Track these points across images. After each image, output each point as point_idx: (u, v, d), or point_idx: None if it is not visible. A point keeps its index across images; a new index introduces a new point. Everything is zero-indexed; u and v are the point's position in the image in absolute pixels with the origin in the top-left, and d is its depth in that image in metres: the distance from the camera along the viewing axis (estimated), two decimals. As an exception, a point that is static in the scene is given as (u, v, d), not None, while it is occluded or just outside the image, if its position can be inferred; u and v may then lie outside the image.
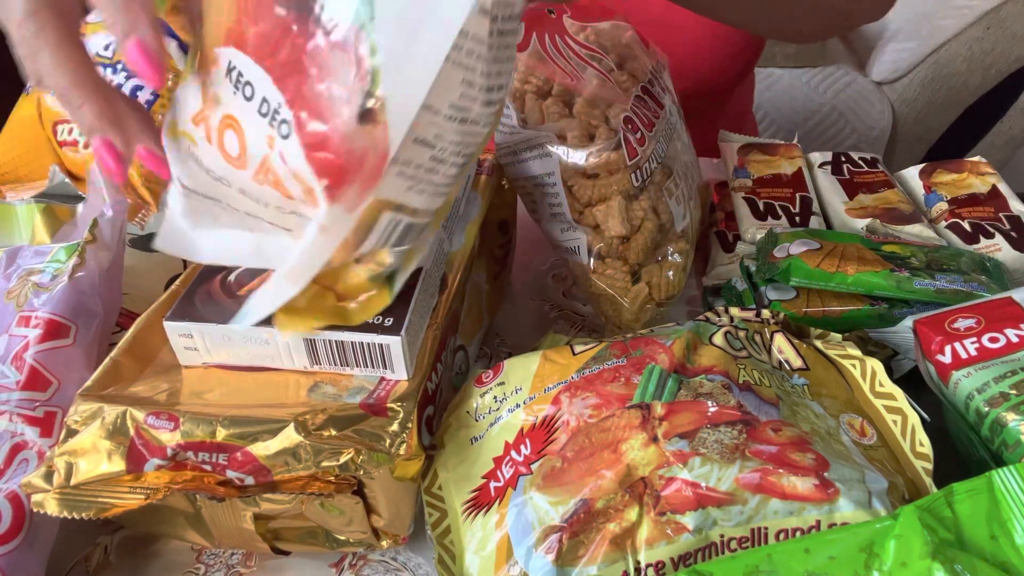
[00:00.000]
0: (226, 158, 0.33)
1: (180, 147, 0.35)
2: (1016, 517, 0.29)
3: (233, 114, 0.31)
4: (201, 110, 0.33)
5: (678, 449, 0.35)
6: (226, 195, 0.35)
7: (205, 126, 0.33)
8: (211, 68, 0.32)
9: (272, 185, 0.32)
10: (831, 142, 1.47)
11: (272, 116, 0.30)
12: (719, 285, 0.59)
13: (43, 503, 0.38)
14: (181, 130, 0.34)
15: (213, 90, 0.32)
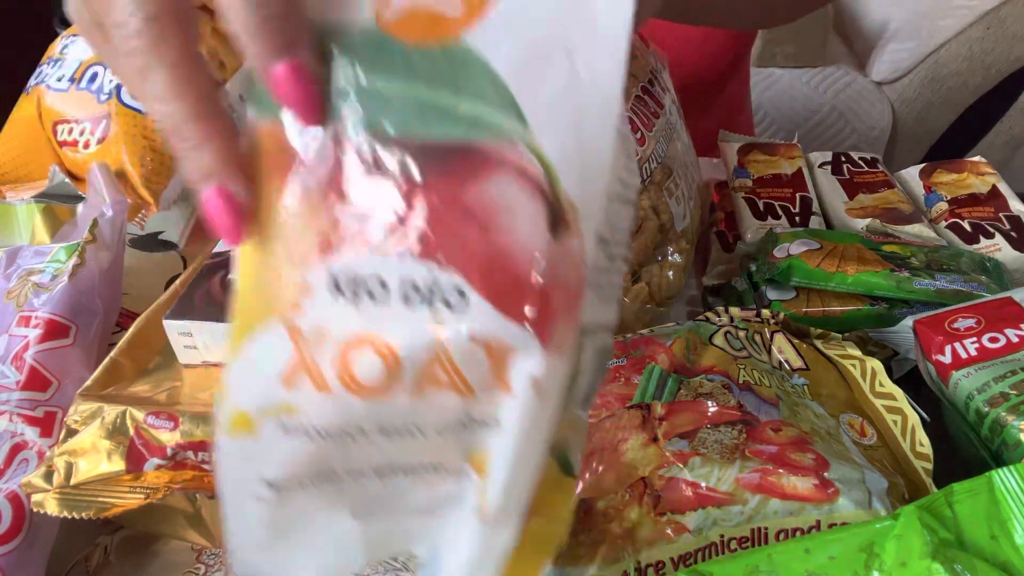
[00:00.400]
0: (361, 393, 0.25)
1: (260, 437, 0.26)
2: (1016, 517, 0.29)
3: (360, 331, 0.25)
4: (297, 361, 0.25)
5: (678, 449, 0.35)
6: (353, 457, 0.26)
7: (309, 375, 0.25)
8: (298, 304, 0.25)
9: (445, 386, 0.25)
10: (831, 142, 1.47)
11: (428, 298, 0.24)
12: (719, 285, 0.59)
13: (43, 503, 0.38)
14: (257, 415, 0.26)
15: (310, 326, 0.25)
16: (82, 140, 0.58)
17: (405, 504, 0.28)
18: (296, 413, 0.25)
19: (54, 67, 0.61)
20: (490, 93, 0.24)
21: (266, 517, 0.27)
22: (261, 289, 0.25)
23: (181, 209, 0.65)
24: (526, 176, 0.24)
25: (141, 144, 0.58)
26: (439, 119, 0.24)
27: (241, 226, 0.26)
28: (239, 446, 0.26)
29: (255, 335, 0.25)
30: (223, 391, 0.26)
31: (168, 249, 0.61)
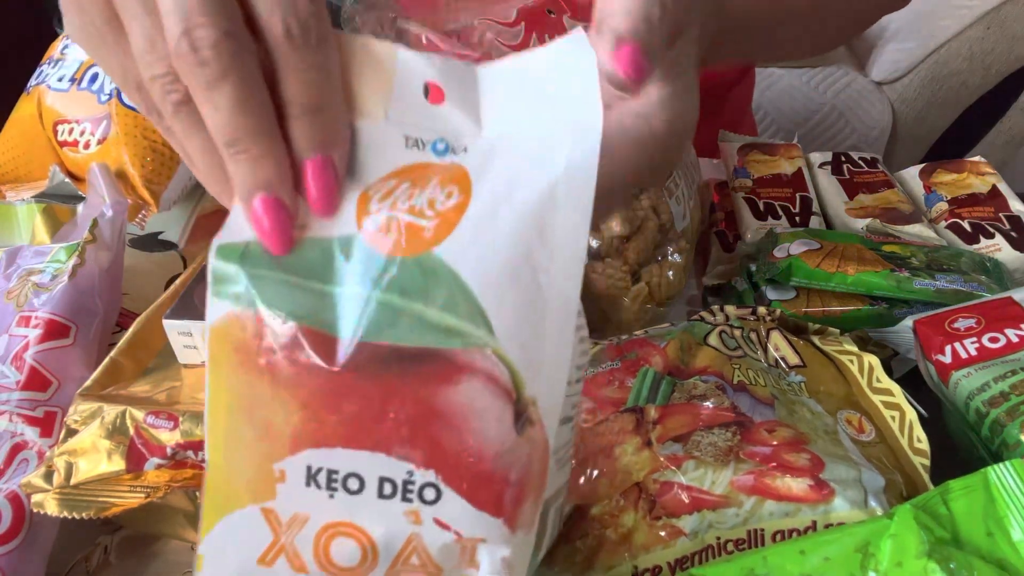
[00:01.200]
0: (334, 573, 0.26)
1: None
2: (1012, 514, 0.29)
3: (336, 519, 0.26)
4: (273, 543, 0.26)
5: (672, 453, 0.35)
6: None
7: (286, 557, 0.26)
8: (273, 489, 0.26)
9: (418, 570, 0.27)
10: (831, 142, 1.47)
11: (403, 491, 0.26)
12: (719, 285, 0.59)
13: (43, 503, 0.38)
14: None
15: (285, 511, 0.26)
16: (82, 140, 0.58)
17: None
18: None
19: (54, 67, 0.61)
20: (460, 302, 0.25)
21: None
22: (234, 470, 0.26)
23: (181, 209, 0.65)
24: (493, 380, 0.26)
25: (141, 144, 0.58)
26: (414, 328, 0.25)
27: (292, 236, 0.26)
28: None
29: (231, 515, 0.26)
30: (199, 564, 0.27)
31: (168, 249, 0.61)
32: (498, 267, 0.26)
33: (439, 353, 0.25)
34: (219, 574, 0.26)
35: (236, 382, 0.26)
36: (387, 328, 0.25)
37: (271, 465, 0.26)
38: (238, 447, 0.26)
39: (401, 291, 0.25)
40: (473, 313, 0.25)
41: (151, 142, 0.58)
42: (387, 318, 0.25)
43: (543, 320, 0.26)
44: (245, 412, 0.26)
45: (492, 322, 0.25)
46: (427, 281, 0.25)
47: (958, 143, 1.53)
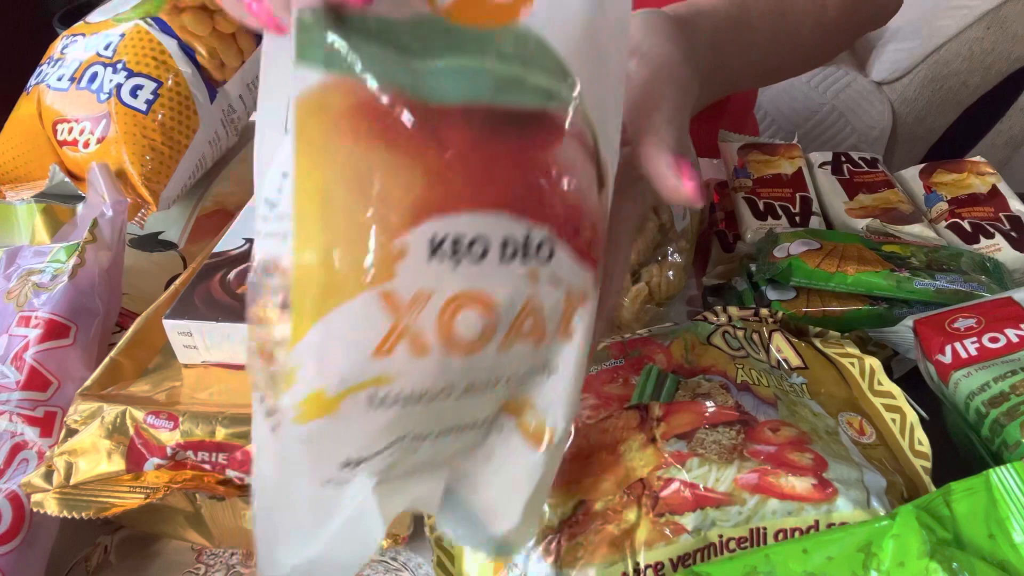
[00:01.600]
0: (459, 351, 0.26)
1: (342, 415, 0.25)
2: (1014, 516, 0.29)
3: (461, 290, 0.25)
4: (392, 328, 0.25)
5: (676, 450, 0.35)
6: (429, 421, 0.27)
7: (407, 341, 0.25)
8: (392, 270, 0.24)
9: (527, 336, 0.27)
10: (831, 142, 1.47)
11: (522, 252, 0.26)
12: (719, 285, 0.59)
13: (43, 503, 0.38)
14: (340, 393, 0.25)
15: (406, 290, 0.25)
16: (82, 139, 0.58)
17: (429, 462, 0.29)
18: (389, 382, 0.25)
19: (54, 67, 0.61)
20: (551, 65, 0.26)
21: (326, 502, 0.27)
22: (338, 259, 0.24)
23: (181, 209, 0.65)
24: (583, 140, 0.27)
25: (141, 143, 0.58)
26: (514, 89, 0.25)
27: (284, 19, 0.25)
28: (313, 430, 0.25)
29: (335, 311, 0.24)
30: (283, 380, 0.25)
31: (168, 249, 0.61)
32: (576, 32, 0.27)
33: (542, 114, 0.26)
34: (320, 378, 0.24)
35: (342, 155, 0.24)
36: (494, 92, 0.25)
37: (390, 242, 0.24)
38: (344, 230, 0.24)
39: (499, 56, 0.25)
40: (563, 74, 0.26)
41: (150, 141, 0.58)
42: (490, 82, 0.25)
43: (607, 82, 0.28)
44: (355, 187, 0.24)
45: (577, 83, 0.26)
46: (519, 46, 0.26)
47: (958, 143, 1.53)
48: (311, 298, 0.24)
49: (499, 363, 0.27)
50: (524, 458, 0.29)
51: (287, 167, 0.25)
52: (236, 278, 0.43)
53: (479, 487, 0.30)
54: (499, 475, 0.30)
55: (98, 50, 0.60)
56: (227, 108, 0.63)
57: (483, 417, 0.28)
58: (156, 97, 0.59)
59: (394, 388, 0.25)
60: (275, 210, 0.27)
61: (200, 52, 0.61)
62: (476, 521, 0.30)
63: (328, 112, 0.24)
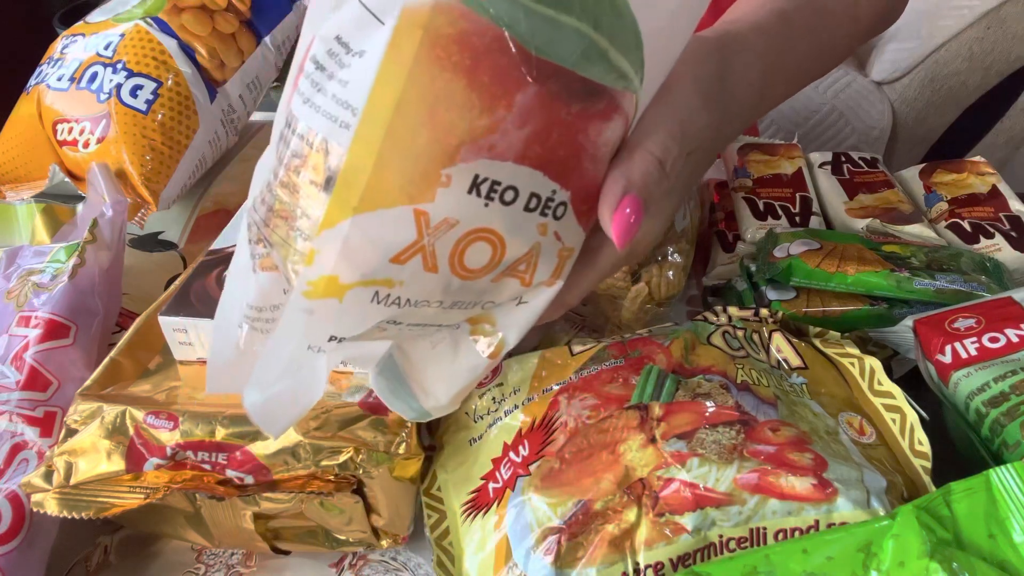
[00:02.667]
0: (461, 275, 0.29)
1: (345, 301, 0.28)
2: (1014, 515, 0.29)
3: (484, 225, 0.28)
4: (415, 242, 0.27)
5: (676, 450, 0.35)
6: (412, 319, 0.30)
7: (423, 257, 0.28)
8: (433, 193, 0.27)
9: (519, 276, 0.31)
10: (831, 142, 1.47)
11: (543, 208, 0.29)
12: (719, 285, 0.59)
13: (43, 503, 0.38)
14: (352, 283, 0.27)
15: (438, 213, 0.27)
16: (82, 139, 0.58)
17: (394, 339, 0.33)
18: (395, 287, 0.28)
19: (54, 67, 0.61)
20: (633, 50, 0.28)
21: (301, 361, 0.30)
22: (391, 169, 0.26)
23: (181, 209, 0.65)
24: (627, 123, 0.30)
25: (141, 143, 0.58)
26: (597, 61, 0.27)
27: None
28: (317, 306, 0.28)
29: (372, 213, 0.26)
30: (305, 257, 0.27)
31: (168, 249, 0.61)
32: (662, 25, 0.28)
33: (610, 93, 0.28)
34: (340, 266, 0.27)
35: (424, 77, 0.25)
36: (580, 59, 0.27)
37: (439, 169, 0.26)
38: (404, 145, 0.26)
39: (595, 24, 0.26)
40: (638, 63, 0.28)
41: (150, 141, 0.58)
42: (581, 49, 0.26)
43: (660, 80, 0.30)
44: (426, 109, 0.26)
45: (646, 75, 0.28)
46: (615, 21, 0.27)
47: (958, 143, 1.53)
48: (355, 195, 0.26)
49: (488, 290, 0.30)
50: (470, 359, 0.33)
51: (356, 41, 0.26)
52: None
53: (418, 365, 0.34)
54: (441, 364, 0.33)
55: (98, 50, 0.60)
56: (227, 108, 0.63)
57: (453, 323, 0.32)
58: (156, 97, 0.59)
59: (396, 292, 0.28)
60: (330, 83, 0.27)
61: (200, 52, 0.61)
62: (407, 391, 0.34)
63: (430, 33, 0.25)
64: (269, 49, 0.66)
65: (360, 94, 0.26)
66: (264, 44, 0.66)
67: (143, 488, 0.38)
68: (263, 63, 0.66)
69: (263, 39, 0.66)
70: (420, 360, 0.34)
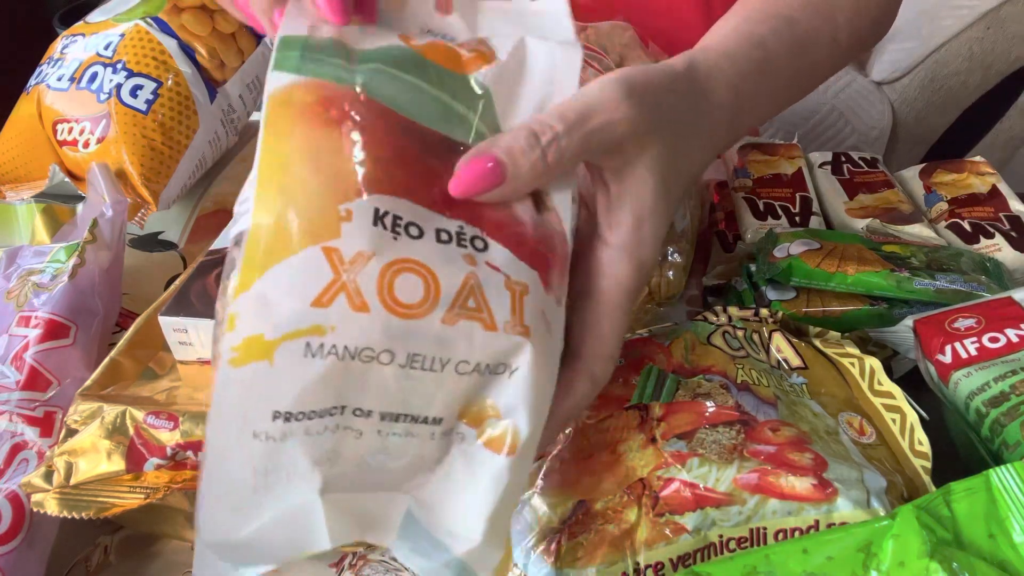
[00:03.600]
0: (400, 312, 0.26)
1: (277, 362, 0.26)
2: (1014, 515, 0.29)
3: (400, 257, 0.27)
4: (333, 281, 0.26)
5: (676, 450, 0.35)
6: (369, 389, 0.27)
7: (346, 295, 0.26)
8: (339, 229, 0.26)
9: (474, 315, 0.27)
10: (831, 142, 1.47)
11: (457, 239, 0.28)
12: (719, 285, 0.59)
13: (43, 503, 0.38)
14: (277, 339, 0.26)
15: (349, 249, 0.26)
16: (82, 139, 0.58)
17: (383, 476, 0.29)
18: (327, 333, 0.26)
19: (54, 67, 0.61)
20: (488, 114, 0.30)
21: (258, 460, 0.27)
22: (291, 219, 0.27)
23: (181, 209, 0.65)
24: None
25: (141, 143, 0.58)
26: (456, 123, 0.30)
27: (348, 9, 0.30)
28: (247, 375, 0.26)
29: (280, 264, 0.26)
30: (226, 324, 0.26)
31: (168, 249, 0.61)
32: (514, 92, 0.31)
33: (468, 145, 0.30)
34: (259, 323, 0.26)
35: (303, 137, 0.28)
36: (439, 120, 0.30)
37: (336, 207, 0.27)
38: (298, 195, 0.27)
39: (453, 94, 0.30)
40: (495, 126, 0.31)
41: (150, 140, 0.58)
42: (439, 110, 0.30)
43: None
44: (311, 161, 0.27)
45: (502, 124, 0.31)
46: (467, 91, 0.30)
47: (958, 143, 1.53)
48: (260, 253, 0.26)
49: (446, 338, 0.27)
50: (487, 467, 0.29)
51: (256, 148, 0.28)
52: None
53: (436, 508, 0.29)
54: (460, 492, 0.29)
55: (98, 50, 0.60)
56: (227, 108, 0.63)
57: (434, 413, 0.28)
58: (156, 97, 0.59)
59: (330, 339, 0.26)
60: (247, 191, 0.29)
61: (200, 52, 0.61)
62: (436, 544, 0.29)
63: (293, 103, 0.28)
64: (269, 49, 0.66)
65: (255, 171, 0.28)
66: (264, 44, 0.66)
67: (143, 488, 0.38)
68: (263, 63, 0.66)
69: (263, 39, 0.66)
70: (438, 500, 0.29)
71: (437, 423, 0.28)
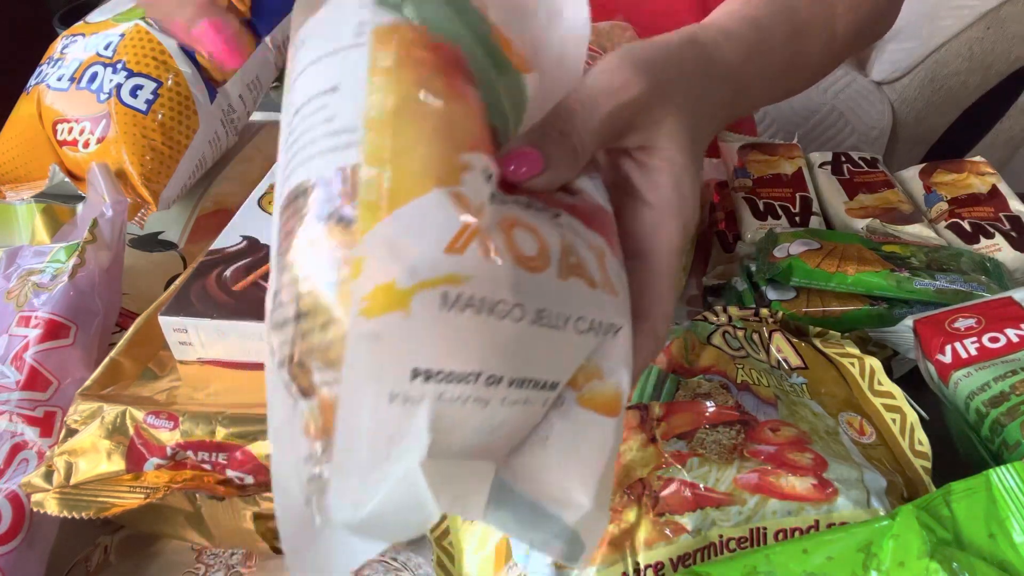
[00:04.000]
0: (523, 264, 0.25)
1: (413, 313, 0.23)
2: (1014, 515, 0.29)
3: (511, 213, 0.26)
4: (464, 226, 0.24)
5: (676, 450, 0.35)
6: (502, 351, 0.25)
7: (478, 242, 0.24)
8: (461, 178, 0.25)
9: (579, 272, 0.27)
10: (831, 142, 1.47)
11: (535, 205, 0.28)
12: (719, 285, 0.59)
13: (43, 503, 0.38)
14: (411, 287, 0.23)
15: (477, 198, 0.25)
16: (82, 139, 0.58)
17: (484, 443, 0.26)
18: (463, 283, 0.24)
19: (54, 67, 0.61)
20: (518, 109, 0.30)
21: (392, 426, 0.24)
22: (412, 161, 0.25)
23: (181, 209, 0.65)
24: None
25: (140, 143, 0.58)
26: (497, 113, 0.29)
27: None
28: (381, 327, 0.23)
29: (410, 204, 0.24)
30: (350, 269, 0.23)
31: (168, 249, 0.61)
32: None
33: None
34: (391, 269, 0.23)
35: (413, 79, 0.26)
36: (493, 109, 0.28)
37: (456, 154, 0.25)
38: (414, 138, 0.25)
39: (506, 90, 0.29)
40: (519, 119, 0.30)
41: (150, 141, 0.58)
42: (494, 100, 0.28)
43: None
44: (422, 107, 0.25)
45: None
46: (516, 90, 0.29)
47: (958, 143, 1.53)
48: (384, 193, 0.24)
49: (563, 294, 0.26)
50: (593, 429, 0.27)
51: (337, 82, 0.26)
52: (232, 275, 0.43)
53: (538, 475, 0.28)
54: (563, 458, 0.28)
55: (98, 50, 0.60)
56: (227, 108, 0.63)
57: (553, 378, 0.27)
58: (156, 97, 0.59)
59: (467, 289, 0.24)
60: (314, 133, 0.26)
61: (200, 52, 0.61)
62: (541, 513, 0.28)
63: (402, 42, 0.26)
64: (269, 49, 0.66)
65: (352, 113, 0.25)
66: (264, 44, 0.66)
67: (143, 488, 0.38)
68: (263, 63, 0.66)
69: (263, 39, 0.66)
70: (538, 468, 0.28)
71: (553, 389, 0.27)
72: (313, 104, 0.26)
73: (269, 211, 0.48)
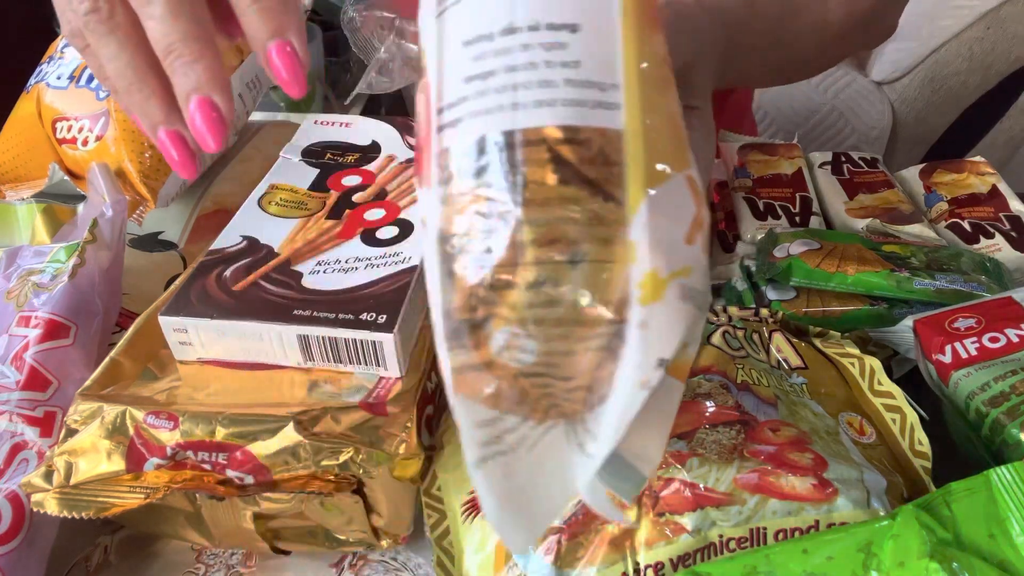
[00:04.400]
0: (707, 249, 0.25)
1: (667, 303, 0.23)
2: (1014, 515, 0.29)
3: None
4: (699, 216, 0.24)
5: (676, 450, 0.35)
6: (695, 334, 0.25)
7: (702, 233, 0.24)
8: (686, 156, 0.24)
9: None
10: (831, 142, 1.47)
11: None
12: (719, 285, 0.59)
13: (43, 503, 0.38)
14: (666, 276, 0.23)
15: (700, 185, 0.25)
16: (81, 137, 0.58)
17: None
18: (690, 275, 0.23)
19: (53, 65, 0.61)
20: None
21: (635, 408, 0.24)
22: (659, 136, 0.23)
23: (181, 209, 0.65)
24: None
25: (140, 141, 0.58)
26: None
27: (226, 135, 0.29)
28: (648, 317, 0.22)
29: (664, 185, 0.22)
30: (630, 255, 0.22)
31: (168, 249, 0.61)
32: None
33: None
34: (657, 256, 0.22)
35: (644, 33, 0.24)
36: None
37: (684, 131, 0.24)
38: (659, 110, 0.23)
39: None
40: None
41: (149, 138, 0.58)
42: None
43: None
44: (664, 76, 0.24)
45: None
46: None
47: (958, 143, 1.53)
48: (642, 170, 0.23)
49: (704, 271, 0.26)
50: (670, 392, 0.26)
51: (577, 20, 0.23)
52: (232, 275, 0.43)
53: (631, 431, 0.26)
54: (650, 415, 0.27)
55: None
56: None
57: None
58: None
59: (691, 282, 0.23)
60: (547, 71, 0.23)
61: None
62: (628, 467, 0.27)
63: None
64: (269, 49, 0.66)
65: (607, 67, 0.23)
66: (264, 44, 0.66)
67: (143, 488, 0.38)
68: (263, 63, 0.66)
69: (263, 39, 0.66)
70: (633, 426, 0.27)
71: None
72: (544, 35, 0.23)
73: (269, 211, 0.48)
